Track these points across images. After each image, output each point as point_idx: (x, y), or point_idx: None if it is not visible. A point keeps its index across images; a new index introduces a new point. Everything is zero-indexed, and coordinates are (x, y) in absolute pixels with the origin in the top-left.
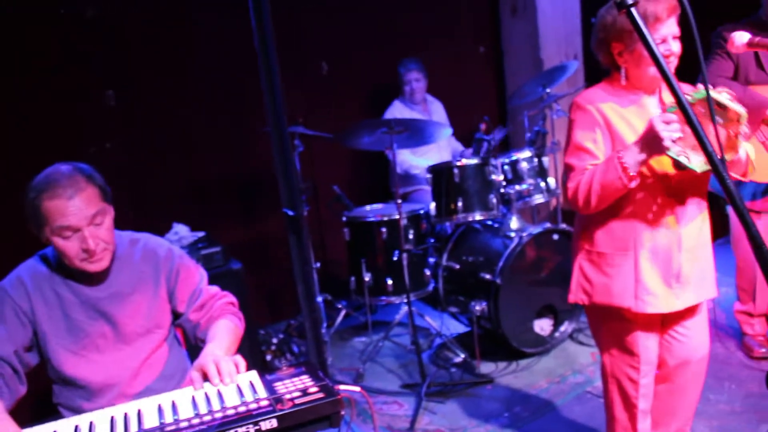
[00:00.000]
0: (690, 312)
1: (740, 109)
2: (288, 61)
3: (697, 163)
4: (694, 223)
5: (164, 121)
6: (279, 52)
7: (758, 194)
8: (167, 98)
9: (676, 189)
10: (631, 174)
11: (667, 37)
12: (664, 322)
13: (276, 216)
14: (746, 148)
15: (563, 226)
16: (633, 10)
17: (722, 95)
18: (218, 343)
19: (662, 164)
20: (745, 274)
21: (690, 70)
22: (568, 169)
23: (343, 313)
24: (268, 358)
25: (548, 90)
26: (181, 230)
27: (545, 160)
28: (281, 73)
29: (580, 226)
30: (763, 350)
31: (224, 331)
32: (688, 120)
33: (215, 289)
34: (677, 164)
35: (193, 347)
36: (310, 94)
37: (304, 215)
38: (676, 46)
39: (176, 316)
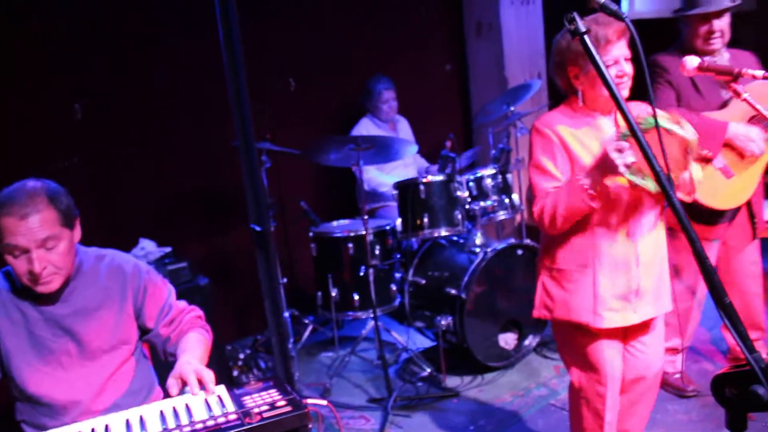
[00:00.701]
0: (647, 326)
1: (689, 134)
2: (256, 77)
3: (652, 183)
4: (649, 237)
5: (131, 135)
6: (247, 68)
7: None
8: (134, 112)
9: (631, 205)
10: (592, 194)
11: (619, 59)
12: (626, 335)
13: (243, 231)
14: (692, 170)
15: (527, 241)
16: (586, 37)
17: (673, 125)
18: (192, 353)
19: (617, 183)
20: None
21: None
22: (533, 191)
23: (310, 328)
24: (235, 373)
25: (512, 108)
26: (147, 245)
27: (509, 176)
28: (249, 89)
29: (543, 243)
30: (692, 387)
31: (196, 343)
32: (640, 146)
33: (183, 303)
34: (633, 183)
35: (159, 362)
36: (278, 110)
37: (271, 231)
38: (628, 68)
39: (144, 331)
